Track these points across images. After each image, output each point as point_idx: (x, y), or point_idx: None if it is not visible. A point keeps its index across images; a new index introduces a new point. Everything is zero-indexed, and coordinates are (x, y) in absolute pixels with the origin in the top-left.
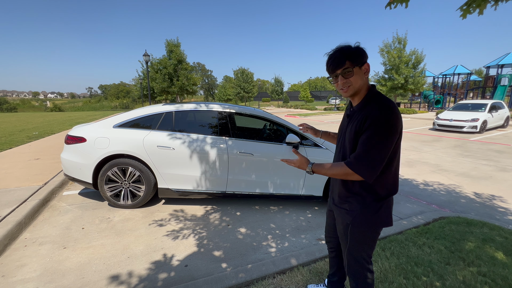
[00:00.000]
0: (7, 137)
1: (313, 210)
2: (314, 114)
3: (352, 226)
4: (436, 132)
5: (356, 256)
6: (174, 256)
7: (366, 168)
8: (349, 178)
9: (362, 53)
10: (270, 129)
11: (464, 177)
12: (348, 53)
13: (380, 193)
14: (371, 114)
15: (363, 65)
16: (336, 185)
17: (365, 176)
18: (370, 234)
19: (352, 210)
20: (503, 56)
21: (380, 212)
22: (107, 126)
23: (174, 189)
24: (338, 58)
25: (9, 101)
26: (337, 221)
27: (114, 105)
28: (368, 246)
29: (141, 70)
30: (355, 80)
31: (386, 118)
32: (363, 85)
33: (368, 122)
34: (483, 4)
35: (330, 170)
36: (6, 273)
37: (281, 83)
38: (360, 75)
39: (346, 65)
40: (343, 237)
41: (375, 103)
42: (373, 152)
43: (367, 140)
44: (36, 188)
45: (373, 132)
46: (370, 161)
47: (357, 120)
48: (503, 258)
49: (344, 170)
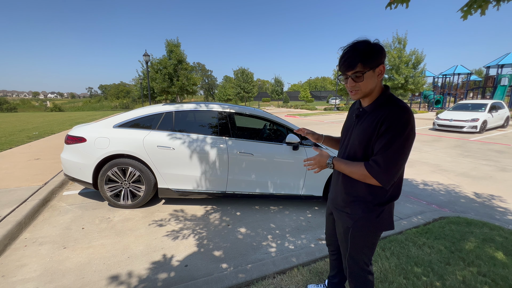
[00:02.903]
0: (7, 137)
1: (313, 210)
2: (314, 114)
3: (353, 229)
4: (436, 132)
5: (357, 259)
6: (174, 256)
7: (385, 175)
8: (364, 180)
9: (378, 54)
10: (270, 129)
11: (464, 177)
12: (361, 54)
13: (384, 198)
14: (389, 118)
15: (378, 67)
16: (338, 188)
17: (384, 182)
18: (370, 237)
19: (353, 214)
20: (503, 56)
21: (381, 216)
22: (107, 126)
23: (174, 189)
24: (351, 59)
25: (9, 101)
26: (337, 224)
27: (114, 105)
28: (369, 249)
29: (141, 70)
30: (365, 85)
31: (405, 122)
32: (374, 87)
33: (386, 125)
34: (485, 4)
35: (348, 167)
36: (6, 273)
37: (281, 83)
38: (372, 78)
39: (357, 69)
40: (343, 241)
41: (392, 106)
42: (394, 158)
43: (387, 146)
44: (36, 188)
45: (392, 136)
46: (390, 168)
47: (369, 121)
48: (503, 258)
49: (362, 172)
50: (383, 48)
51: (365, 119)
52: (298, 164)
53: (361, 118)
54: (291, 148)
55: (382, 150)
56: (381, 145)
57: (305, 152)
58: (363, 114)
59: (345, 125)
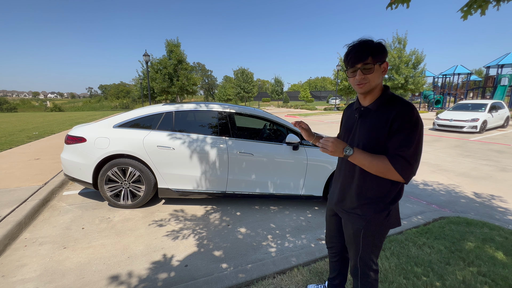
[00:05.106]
0: (7, 137)
1: (313, 210)
2: (314, 114)
3: (365, 230)
4: (436, 132)
5: (366, 259)
6: (174, 256)
7: (410, 170)
8: (383, 175)
9: (384, 50)
10: (270, 129)
11: (464, 177)
12: (371, 48)
13: (392, 197)
14: (402, 115)
15: (383, 63)
16: (348, 190)
17: (408, 177)
18: (381, 237)
19: (364, 215)
20: (503, 56)
21: (390, 215)
22: (107, 126)
23: (174, 189)
24: (361, 52)
25: (9, 101)
26: (346, 226)
27: (114, 105)
28: (377, 248)
29: (141, 70)
30: (373, 78)
31: (417, 118)
32: (379, 83)
33: (399, 122)
34: (485, 4)
35: (369, 159)
36: (6, 273)
37: (281, 83)
38: (378, 73)
39: (368, 61)
40: (353, 242)
41: (402, 104)
42: (415, 153)
43: (407, 142)
44: (36, 188)
45: (410, 132)
46: (414, 163)
47: (377, 119)
48: (503, 258)
49: (386, 166)
50: (385, 47)
51: (371, 117)
52: (298, 164)
53: (365, 116)
54: (291, 148)
55: (403, 146)
56: (400, 141)
57: (305, 152)
58: (367, 112)
59: (345, 126)
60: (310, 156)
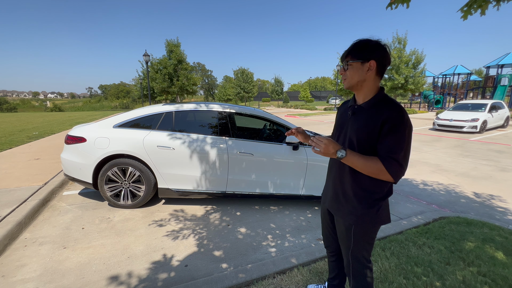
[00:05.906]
0: (7, 137)
1: (313, 210)
2: (314, 114)
3: (356, 226)
4: (436, 132)
5: (358, 256)
6: (174, 256)
7: (401, 171)
8: (376, 175)
9: (368, 48)
10: (270, 129)
11: (464, 177)
12: (353, 47)
13: (383, 193)
14: (394, 117)
15: (368, 61)
16: (339, 186)
17: (397, 177)
18: (371, 233)
19: (355, 210)
20: (503, 56)
21: (380, 211)
22: (107, 126)
23: (174, 189)
24: (346, 51)
25: (9, 101)
26: (338, 222)
27: (114, 105)
28: (369, 245)
29: (141, 70)
30: (351, 74)
31: (406, 121)
32: (362, 81)
33: (391, 124)
34: (485, 4)
35: (362, 161)
36: (6, 273)
37: (281, 83)
38: (359, 71)
39: (348, 58)
40: (344, 238)
41: (394, 106)
42: (406, 155)
43: (398, 144)
44: (36, 188)
45: (402, 135)
46: (404, 164)
47: (368, 118)
48: (503, 258)
49: (378, 167)
50: (379, 46)
51: (363, 115)
52: (298, 164)
53: (358, 114)
54: (291, 148)
55: (396, 149)
56: (392, 144)
57: (305, 152)
58: (360, 110)
59: (338, 122)
60: (310, 156)
